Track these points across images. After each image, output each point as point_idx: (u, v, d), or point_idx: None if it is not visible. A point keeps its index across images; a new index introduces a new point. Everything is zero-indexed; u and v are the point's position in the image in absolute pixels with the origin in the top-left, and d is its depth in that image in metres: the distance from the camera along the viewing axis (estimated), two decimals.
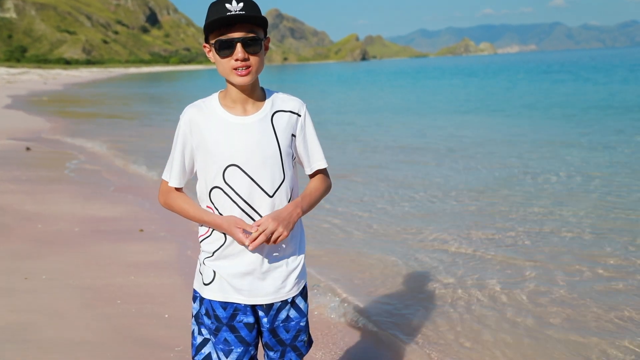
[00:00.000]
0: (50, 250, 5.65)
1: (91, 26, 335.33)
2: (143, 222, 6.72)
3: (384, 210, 7.33)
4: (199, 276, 2.24)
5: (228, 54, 2.02)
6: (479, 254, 5.62)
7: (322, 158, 2.26)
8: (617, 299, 4.54)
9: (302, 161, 2.25)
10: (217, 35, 2.02)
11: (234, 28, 1.99)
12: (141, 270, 5.16)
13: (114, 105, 30.91)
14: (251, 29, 2.01)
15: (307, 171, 2.27)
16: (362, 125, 17.80)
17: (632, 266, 5.19)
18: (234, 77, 2.05)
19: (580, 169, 9.43)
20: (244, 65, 2.02)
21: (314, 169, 2.26)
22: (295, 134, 2.19)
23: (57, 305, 4.36)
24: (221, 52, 2.02)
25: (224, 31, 2.00)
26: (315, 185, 2.25)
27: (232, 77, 2.05)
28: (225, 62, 2.03)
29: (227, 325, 2.16)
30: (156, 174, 9.60)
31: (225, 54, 2.02)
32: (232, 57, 2.01)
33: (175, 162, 2.18)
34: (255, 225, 2.03)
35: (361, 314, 4.36)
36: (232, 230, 2.05)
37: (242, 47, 2.00)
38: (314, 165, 2.25)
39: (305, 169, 2.27)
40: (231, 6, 1.97)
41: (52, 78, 75.36)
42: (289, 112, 2.17)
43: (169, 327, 4.08)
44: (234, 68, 2.02)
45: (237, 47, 2.00)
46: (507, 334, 4.02)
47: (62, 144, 13.73)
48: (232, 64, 2.02)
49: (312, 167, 2.26)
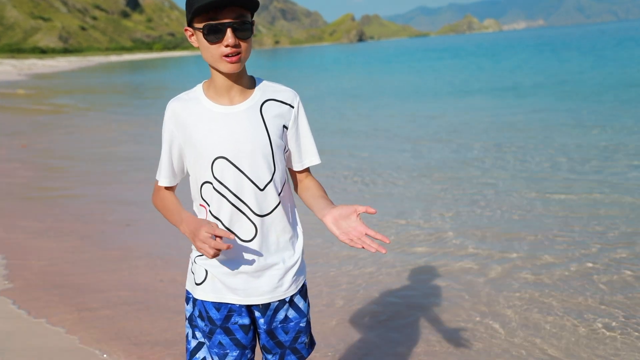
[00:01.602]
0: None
1: (67, 12, 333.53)
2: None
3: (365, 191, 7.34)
4: (190, 276, 2.22)
5: (217, 40, 1.98)
6: (472, 246, 5.65)
7: (315, 154, 2.24)
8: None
9: (291, 156, 2.22)
10: (204, 19, 1.97)
11: (223, 12, 1.95)
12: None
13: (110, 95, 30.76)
14: (241, 12, 1.98)
15: (297, 167, 2.24)
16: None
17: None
18: (222, 64, 2.01)
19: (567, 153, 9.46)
20: (234, 52, 1.98)
21: (305, 165, 2.24)
22: (288, 125, 2.16)
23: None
24: (210, 38, 1.98)
25: (212, 15, 1.95)
26: (317, 185, 2.24)
27: (220, 64, 2.01)
28: (214, 49, 1.99)
29: (222, 328, 2.15)
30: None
31: (215, 40, 1.98)
32: (221, 42, 1.98)
33: (163, 159, 2.17)
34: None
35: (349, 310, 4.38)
36: (197, 245, 1.98)
37: (233, 32, 1.97)
38: (306, 161, 2.23)
39: (293, 164, 2.24)
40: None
41: (27, 68, 74.94)
42: (280, 102, 2.14)
43: (167, 328, 4.09)
44: (224, 55, 1.99)
45: (227, 32, 1.96)
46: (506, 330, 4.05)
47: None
48: (221, 50, 1.98)
49: (303, 163, 2.23)
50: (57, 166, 10.65)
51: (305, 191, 2.25)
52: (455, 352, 3.82)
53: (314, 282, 4.86)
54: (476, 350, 3.82)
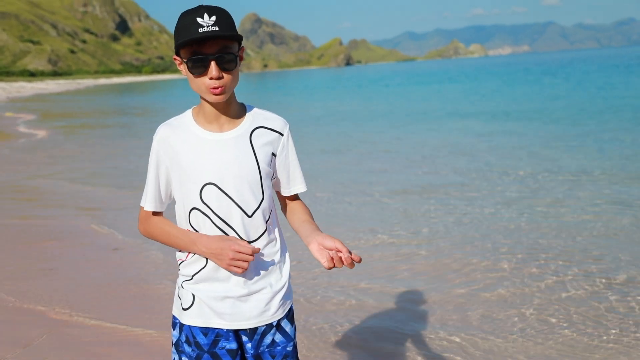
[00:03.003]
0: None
1: (57, 35, 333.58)
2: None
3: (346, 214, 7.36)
4: (177, 301, 2.21)
5: (201, 72, 1.99)
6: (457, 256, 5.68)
7: (302, 182, 2.26)
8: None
9: (279, 182, 2.24)
10: (188, 52, 1.98)
11: (206, 44, 1.96)
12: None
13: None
14: (225, 44, 1.99)
15: (285, 193, 2.27)
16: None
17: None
18: (208, 95, 2.02)
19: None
20: (217, 84, 1.99)
21: (293, 192, 2.26)
22: (276, 153, 2.18)
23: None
24: (194, 71, 1.99)
25: (195, 48, 1.97)
26: (305, 209, 2.27)
27: (206, 95, 2.03)
28: (199, 80, 2.00)
29: (209, 353, 2.14)
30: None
31: (199, 72, 1.99)
32: (206, 75, 1.99)
33: (150, 184, 2.16)
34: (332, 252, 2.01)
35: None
36: (224, 265, 2.04)
37: (217, 64, 1.98)
38: (294, 188, 2.26)
39: (282, 190, 2.26)
40: (203, 21, 1.94)
41: (15, 91, 74.73)
42: (270, 130, 2.16)
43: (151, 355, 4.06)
44: (209, 87, 2.00)
45: (211, 65, 1.97)
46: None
47: None
48: (206, 82, 1.99)
49: (291, 190, 2.26)
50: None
51: (292, 214, 2.28)
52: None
53: (300, 305, 4.85)
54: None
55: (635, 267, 5.51)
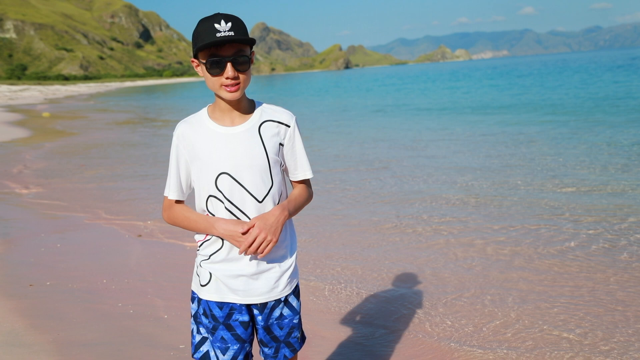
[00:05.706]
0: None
1: (87, 44, 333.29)
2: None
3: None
4: (196, 278, 2.24)
5: (218, 73, 2.02)
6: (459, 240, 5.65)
7: (308, 169, 2.27)
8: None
9: (288, 170, 2.25)
10: (207, 54, 2.01)
11: (223, 48, 2.00)
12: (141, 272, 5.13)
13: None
14: (240, 48, 2.02)
15: (292, 178, 2.28)
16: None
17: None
18: (223, 93, 2.05)
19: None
20: (233, 83, 2.02)
21: (299, 178, 2.27)
22: (283, 143, 2.18)
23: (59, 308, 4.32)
24: (212, 71, 2.02)
25: (213, 50, 2.00)
26: (300, 192, 2.26)
27: (221, 92, 2.05)
28: (216, 80, 2.03)
29: (224, 324, 2.16)
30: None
31: (216, 73, 2.02)
32: (222, 75, 2.02)
33: (172, 175, 2.19)
34: (245, 236, 2.04)
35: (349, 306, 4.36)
36: (231, 240, 2.08)
37: (232, 66, 2.01)
38: (300, 175, 2.26)
39: (290, 176, 2.28)
40: (220, 26, 1.96)
41: (51, 94, 74.77)
42: (277, 122, 2.17)
43: (170, 327, 4.06)
44: (225, 85, 2.03)
45: (227, 66, 2.00)
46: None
47: None
48: (222, 81, 2.03)
49: (297, 176, 2.26)
50: None
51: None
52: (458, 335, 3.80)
53: (306, 283, 4.84)
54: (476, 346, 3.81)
55: None
